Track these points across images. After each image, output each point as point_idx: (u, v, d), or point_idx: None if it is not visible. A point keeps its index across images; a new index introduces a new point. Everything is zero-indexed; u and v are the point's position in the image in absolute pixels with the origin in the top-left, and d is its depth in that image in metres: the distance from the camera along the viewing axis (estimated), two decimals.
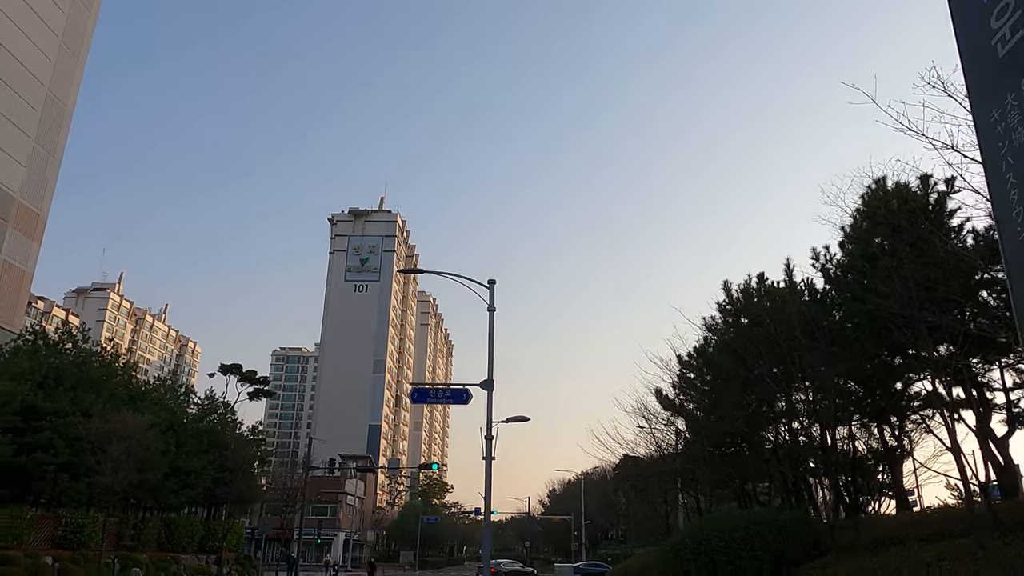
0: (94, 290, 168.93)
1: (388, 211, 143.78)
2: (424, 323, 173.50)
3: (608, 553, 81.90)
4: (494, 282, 22.46)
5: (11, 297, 35.02)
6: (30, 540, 25.67)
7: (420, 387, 21.68)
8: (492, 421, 21.17)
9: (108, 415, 25.24)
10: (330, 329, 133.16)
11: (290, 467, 78.47)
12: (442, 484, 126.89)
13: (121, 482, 24.87)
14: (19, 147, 35.89)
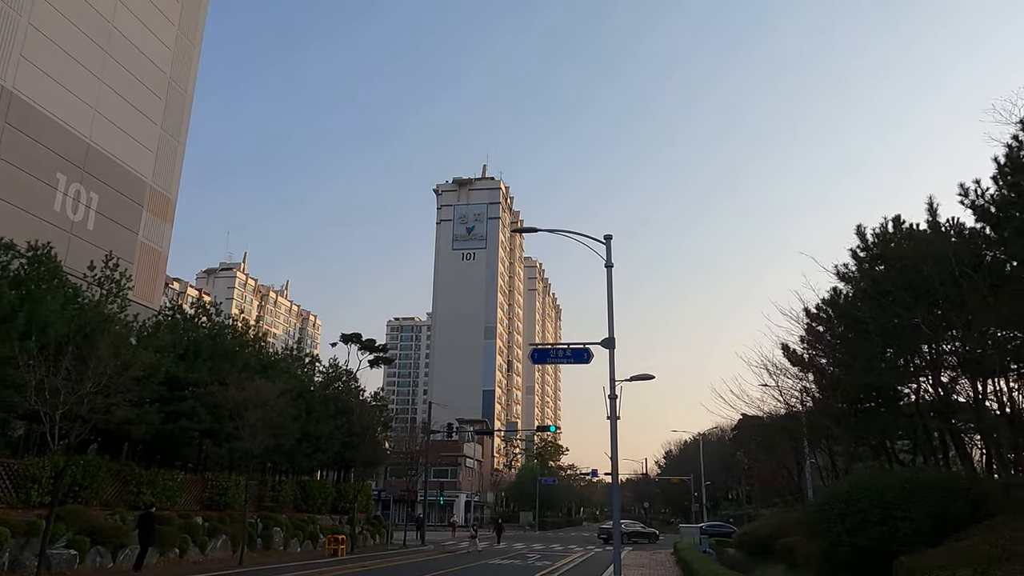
0: (222, 270, 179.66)
1: (491, 178, 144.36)
2: (531, 288, 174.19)
3: (729, 514, 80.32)
4: (611, 237, 21.70)
5: (150, 277, 37.29)
6: (182, 501, 27.44)
7: (540, 347, 21.37)
8: (615, 380, 20.60)
9: (244, 383, 26.44)
10: (441, 298, 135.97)
11: (409, 432, 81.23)
12: (557, 447, 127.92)
13: (259, 446, 26.07)
14: (148, 135, 37.88)
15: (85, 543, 20.94)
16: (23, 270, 21.67)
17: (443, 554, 37.19)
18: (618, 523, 20.03)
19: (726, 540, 41.31)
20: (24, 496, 20.68)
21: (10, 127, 29.63)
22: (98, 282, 24.54)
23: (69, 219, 32.33)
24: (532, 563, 31.64)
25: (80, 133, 33.26)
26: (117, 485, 24.28)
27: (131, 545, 22.93)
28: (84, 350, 19.00)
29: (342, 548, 31.91)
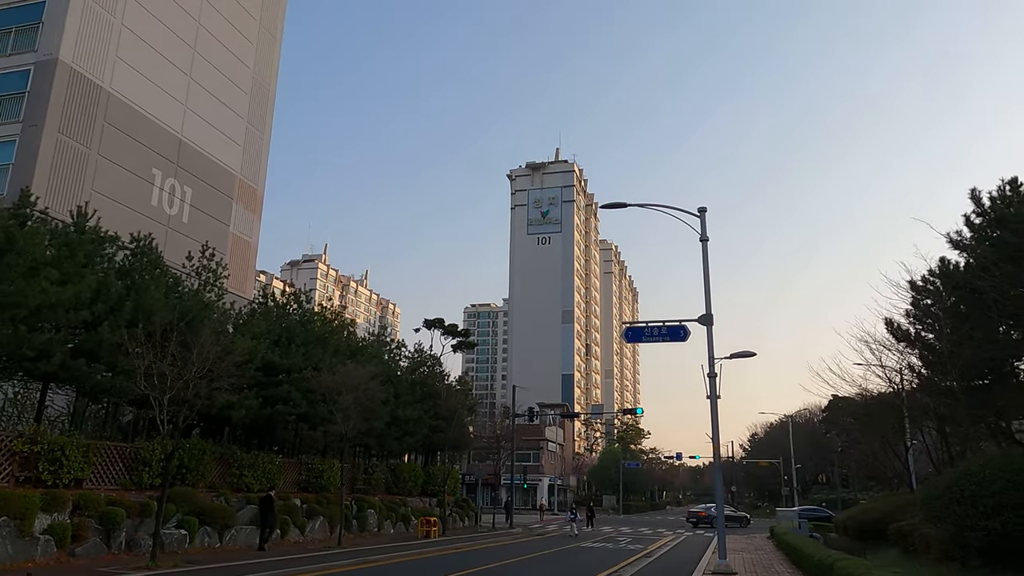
0: (305, 261, 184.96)
1: (564, 161, 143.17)
2: (607, 271, 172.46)
3: (821, 498, 77.67)
4: (705, 210, 20.94)
5: (241, 267, 38.38)
6: (280, 484, 28.14)
7: (634, 325, 20.73)
8: (714, 358, 19.87)
9: (336, 368, 26.85)
10: (517, 283, 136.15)
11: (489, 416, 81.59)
12: (638, 430, 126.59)
13: (352, 430, 26.45)
14: (235, 129, 38.89)
15: (194, 523, 21.66)
16: (127, 261, 22.47)
17: (533, 537, 37.14)
18: (721, 505, 19.38)
19: (825, 524, 39.77)
20: (136, 478, 21.53)
21: (109, 126, 30.83)
22: (196, 271, 25.28)
23: (165, 213, 33.51)
24: (625, 546, 31.18)
25: (172, 129, 34.37)
26: (220, 468, 25.05)
27: (236, 526, 23.64)
28: (187, 337, 19.54)
29: (434, 530, 32.20)
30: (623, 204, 21.52)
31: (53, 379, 20.02)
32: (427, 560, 22.34)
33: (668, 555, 26.21)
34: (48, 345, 17.46)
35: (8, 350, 17.09)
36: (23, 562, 16.43)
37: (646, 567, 20.83)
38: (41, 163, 27.59)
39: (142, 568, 16.72)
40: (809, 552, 16.91)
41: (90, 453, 19.72)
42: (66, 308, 18.12)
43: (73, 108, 29.23)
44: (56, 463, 18.66)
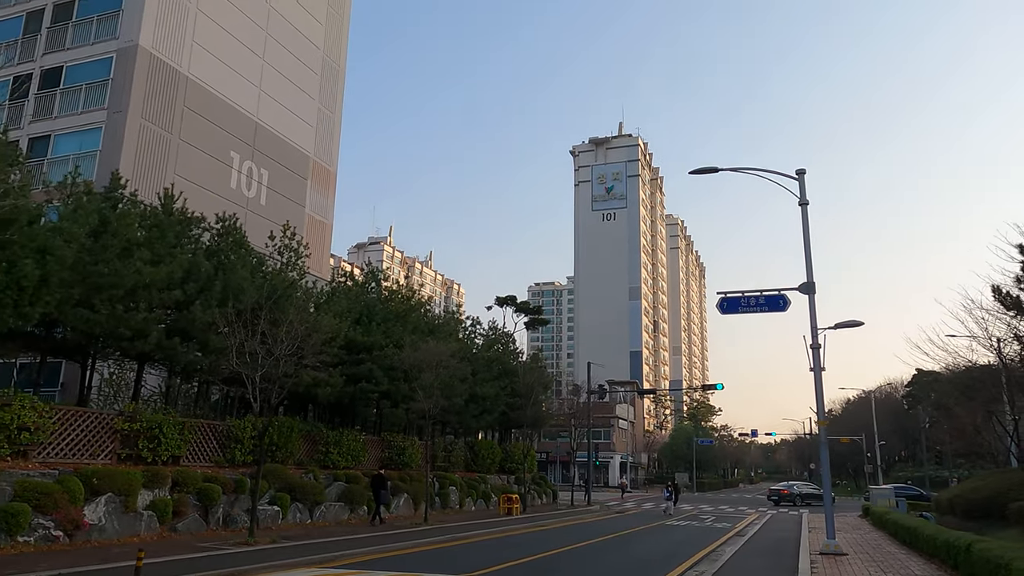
0: (371, 244, 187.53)
1: (628, 135, 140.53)
2: (673, 247, 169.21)
3: (906, 476, 74.69)
4: (804, 172, 19.79)
5: (317, 248, 38.65)
6: (365, 460, 28.32)
7: (729, 296, 19.74)
8: (817, 328, 18.81)
9: (417, 345, 26.72)
10: (583, 260, 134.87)
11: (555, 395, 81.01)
12: (709, 407, 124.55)
13: (435, 407, 26.30)
14: (307, 110, 39.06)
15: (286, 500, 21.88)
16: (213, 242, 22.67)
17: (613, 515, 36.64)
18: (827, 483, 18.42)
19: (919, 503, 38.04)
20: (229, 456, 21.82)
21: (188, 110, 31.24)
22: (278, 251, 25.38)
23: (244, 195, 33.91)
24: (711, 524, 30.37)
25: (248, 112, 34.68)
26: (307, 445, 25.27)
27: (326, 502, 23.83)
28: (275, 315, 19.57)
29: (516, 507, 32.01)
30: (714, 169, 20.51)
31: (148, 358, 20.36)
32: (519, 537, 22.07)
33: (761, 534, 25.32)
34: (144, 324, 17.68)
35: (106, 330, 17.36)
36: (129, 537, 16.76)
37: (745, 546, 20.05)
38: (126, 149, 28.13)
39: (242, 544, 16.86)
40: (930, 533, 15.84)
41: (185, 431, 20.02)
42: (159, 288, 18.32)
43: (154, 94, 29.69)
44: (154, 441, 18.99)
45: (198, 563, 13.85)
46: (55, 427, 16.68)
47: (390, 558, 16.11)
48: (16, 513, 14.18)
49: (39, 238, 15.43)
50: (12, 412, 15.46)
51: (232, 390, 24.93)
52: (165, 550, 15.05)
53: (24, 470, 15.49)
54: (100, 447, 17.92)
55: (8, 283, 14.38)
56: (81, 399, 19.85)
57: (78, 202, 17.58)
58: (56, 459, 16.77)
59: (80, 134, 29.07)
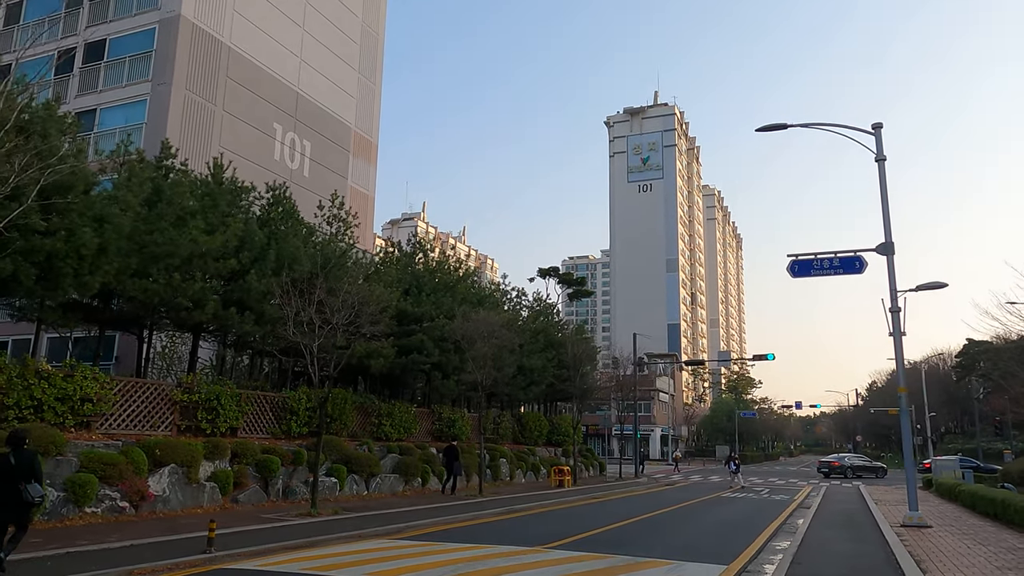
0: (404, 220, 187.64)
1: (664, 104, 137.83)
2: (710, 217, 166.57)
3: (956, 448, 72.89)
4: (880, 126, 18.73)
5: (361, 221, 38.21)
6: (416, 432, 28.07)
7: (801, 258, 18.83)
8: (897, 291, 17.86)
9: (469, 315, 26.25)
10: (619, 232, 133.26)
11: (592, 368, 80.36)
12: (749, 379, 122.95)
13: (488, 378, 25.88)
14: (347, 80, 38.50)
15: (343, 471, 21.66)
16: (264, 211, 22.33)
17: (663, 487, 36.07)
18: (910, 451, 17.58)
19: (978, 474, 36.74)
20: (285, 427, 21.65)
21: (231, 81, 30.87)
22: (327, 221, 25.00)
23: (287, 167, 33.58)
24: (768, 497, 29.63)
25: (289, 82, 34.22)
26: (360, 417, 25.03)
27: (381, 474, 23.60)
28: (331, 284, 19.19)
29: (567, 479, 31.59)
30: (784, 125, 19.51)
31: (203, 330, 20.18)
32: (580, 509, 21.63)
33: (825, 506, 24.50)
34: (201, 294, 17.41)
35: (164, 300, 17.11)
36: (192, 508, 16.62)
37: (816, 518, 19.31)
38: (172, 121, 27.86)
39: (305, 515, 16.63)
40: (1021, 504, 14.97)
41: (242, 403, 19.83)
42: (214, 257, 18.01)
43: (197, 65, 29.34)
44: (212, 412, 18.82)
45: (266, 534, 13.60)
46: (116, 398, 16.54)
47: (457, 530, 15.74)
48: (83, 484, 14.05)
49: (96, 206, 15.15)
50: (75, 383, 15.32)
51: (285, 361, 24.77)
52: (231, 521, 14.83)
53: (88, 441, 15.37)
54: (160, 419, 17.79)
55: (68, 251, 14.11)
56: (138, 371, 19.75)
57: (131, 170, 17.26)
58: (118, 430, 16.65)
59: (125, 107, 28.88)
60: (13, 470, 9.11)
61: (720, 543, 14.57)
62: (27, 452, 9.38)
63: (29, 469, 9.17)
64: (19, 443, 9.37)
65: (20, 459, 9.21)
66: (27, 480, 9.10)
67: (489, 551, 12.34)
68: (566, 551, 12.53)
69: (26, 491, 9.04)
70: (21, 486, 9.04)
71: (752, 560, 12.26)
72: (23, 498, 9.05)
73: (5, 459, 9.21)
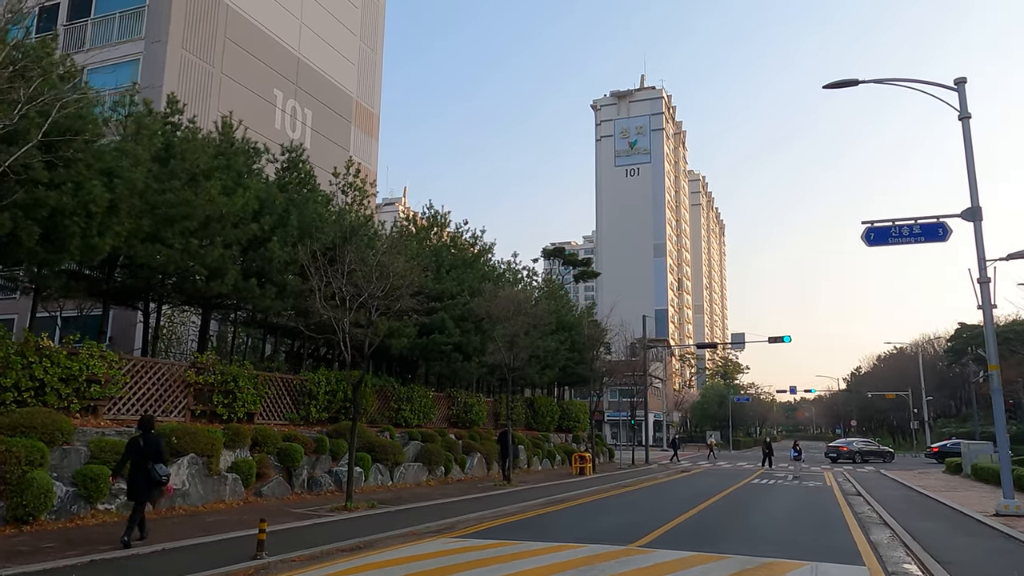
0: (386, 205, 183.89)
1: (652, 87, 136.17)
2: (696, 203, 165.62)
3: (951, 432, 72.65)
4: (964, 80, 17.19)
5: None
6: (435, 419, 26.32)
7: (878, 225, 17.28)
8: (986, 260, 16.40)
9: (494, 292, 24.50)
10: (605, 217, 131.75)
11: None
12: (736, 365, 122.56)
13: (517, 359, 24.19)
14: (349, 47, 36.31)
15: (367, 460, 19.86)
16: (280, 175, 20.36)
17: (679, 474, 34.65)
18: (1003, 435, 16.16)
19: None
20: (304, 412, 19.81)
21: (230, 42, 28.65)
22: (342, 189, 23.06)
23: (289, 136, 31.38)
24: (801, 484, 28.22)
25: (290, 47, 32.02)
26: (379, 402, 23.22)
27: (405, 463, 21.83)
28: (361, 254, 17.36)
29: (588, 467, 30.03)
30: (854, 81, 17.91)
31: (218, 304, 18.22)
32: (624, 498, 20.01)
33: (878, 493, 23.09)
34: (221, 262, 15.43)
35: (179, 268, 15.12)
36: (214, 503, 14.75)
37: (890, 508, 17.89)
38: (167, 82, 25.58)
39: (340, 509, 14.85)
40: None
41: (259, 385, 17.94)
42: (234, 223, 16.03)
43: (194, 22, 27.06)
44: (229, 396, 16.94)
45: (312, 533, 11.81)
46: (126, 380, 14.58)
47: (518, 525, 14.04)
48: (96, 477, 12.15)
49: (105, 158, 13.12)
50: (80, 362, 13.36)
51: (302, 342, 22.88)
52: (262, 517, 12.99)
53: (97, 428, 13.43)
54: (173, 402, 15.85)
55: (75, 207, 12.11)
56: (144, 350, 17.75)
57: (139, 122, 15.20)
58: (128, 416, 14.69)
59: (116, 67, 26.50)
60: (143, 451, 10.12)
61: (820, 536, 13.06)
62: (154, 435, 10.39)
63: (156, 451, 10.19)
64: (148, 427, 10.43)
65: (148, 441, 10.21)
66: (155, 461, 10.10)
67: (584, 552, 10.64)
68: (668, 551, 10.88)
69: (154, 470, 10.05)
70: (149, 466, 10.03)
71: (881, 560, 10.71)
72: (152, 477, 10.05)
73: (135, 442, 10.25)
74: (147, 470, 9.99)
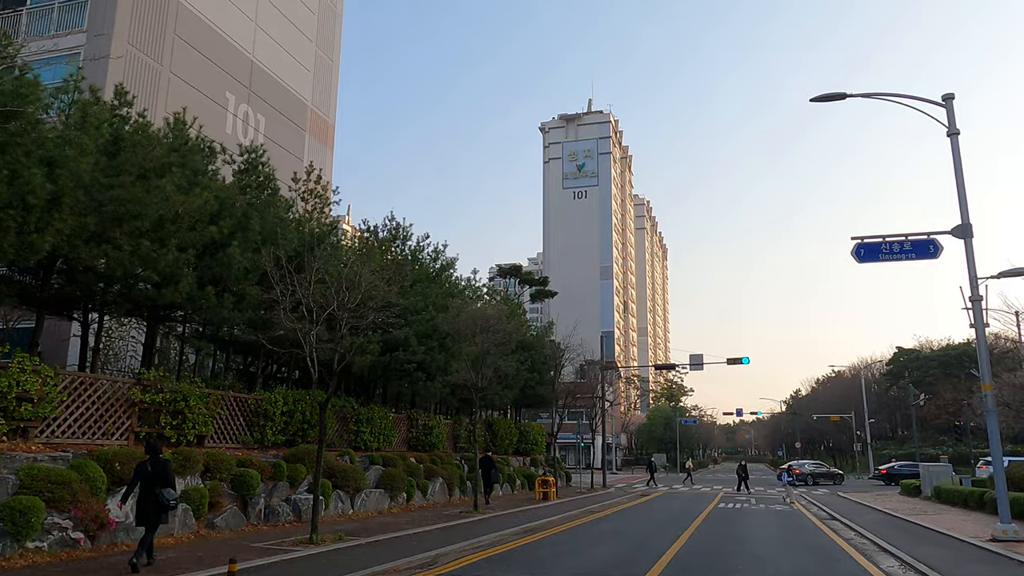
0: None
1: (600, 112, 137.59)
2: (640, 227, 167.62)
3: (890, 454, 74.16)
4: (952, 97, 16.97)
5: None
6: (395, 441, 24.88)
7: (868, 241, 16.89)
8: (977, 278, 16.08)
9: (460, 308, 23.32)
10: (553, 239, 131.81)
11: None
12: (681, 387, 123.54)
13: (485, 379, 23.00)
14: (305, 53, 34.91)
15: (328, 487, 18.34)
16: (238, 178, 18.87)
17: (641, 497, 33.84)
18: (999, 458, 15.71)
19: None
20: (258, 435, 18.20)
21: (180, 40, 26.99)
22: (302, 196, 21.67)
23: (240, 143, 29.67)
24: (766, 507, 27.65)
25: (244, 49, 30.46)
26: (338, 424, 21.68)
27: (366, 489, 20.34)
28: (325, 264, 16.05)
29: (552, 491, 28.89)
30: (841, 95, 17.59)
31: (164, 316, 16.57)
32: (604, 524, 18.96)
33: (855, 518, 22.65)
34: (175, 267, 13.88)
35: (128, 271, 13.52)
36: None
37: (877, 534, 17.30)
38: (111, 79, 23.71)
39: (304, 542, 13.39)
40: None
41: (211, 405, 16.34)
42: (190, 225, 14.52)
43: (142, 17, 25.36)
44: (178, 416, 15.32)
45: (285, 573, 10.39)
46: (63, 398, 12.89)
47: (500, 559, 12.84)
48: (26, 510, 10.48)
49: (46, 145, 11.57)
50: (9, 377, 11.68)
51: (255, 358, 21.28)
52: (222, 552, 11.47)
53: (28, 453, 11.72)
54: (115, 424, 14.16)
55: (11, 199, 10.54)
56: (83, 365, 15.97)
57: (85, 109, 13.64)
58: (63, 439, 12.99)
59: (55, 62, 24.57)
60: (152, 476, 10.07)
61: (830, 564, 12.29)
62: (162, 460, 10.35)
63: (164, 475, 10.16)
64: (155, 452, 10.40)
65: (156, 466, 10.19)
66: (162, 486, 10.06)
67: None
68: None
69: (162, 495, 10.00)
70: (157, 491, 9.98)
71: None
72: (160, 502, 10.01)
73: (144, 467, 10.22)
74: (156, 495, 9.96)
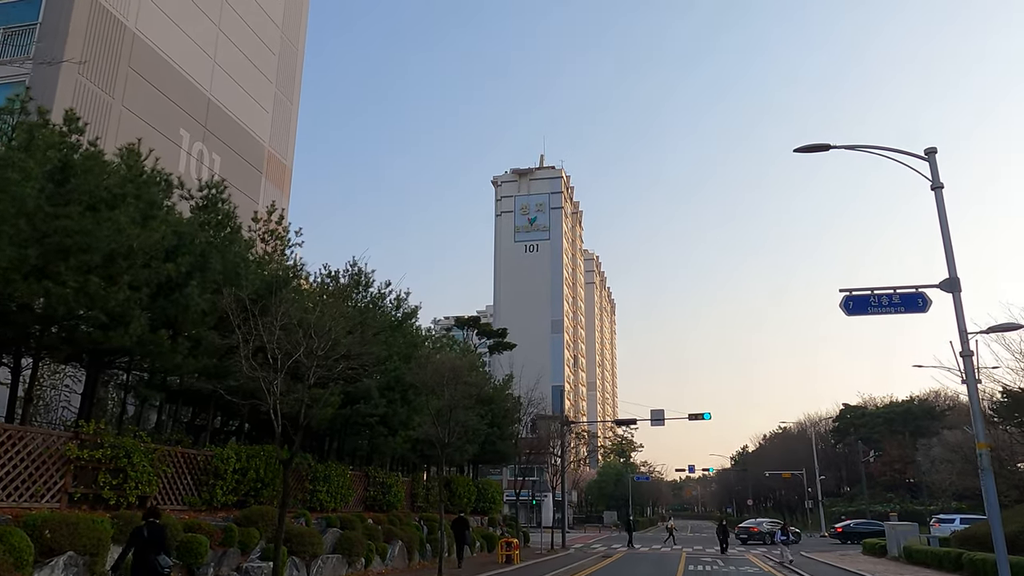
0: None
1: (552, 167, 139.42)
2: (590, 281, 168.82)
3: (841, 511, 74.29)
4: (935, 151, 16.97)
5: None
6: (351, 500, 23.25)
7: (856, 294, 16.52)
8: (967, 332, 15.76)
9: (426, 359, 22.17)
10: (503, 292, 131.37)
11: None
12: (630, 443, 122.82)
13: (452, 434, 21.75)
14: (263, 93, 33.92)
15: (284, 554, 16.67)
16: (196, 215, 17.58)
17: (606, 560, 32.54)
18: (996, 514, 15.14)
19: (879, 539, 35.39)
20: (207, 495, 16.55)
21: (134, 73, 25.74)
22: (261, 237, 20.45)
23: (194, 182, 28.30)
24: (742, 570, 26.73)
25: (201, 86, 29.32)
26: (293, 482, 20.02)
27: (323, 554, 18.68)
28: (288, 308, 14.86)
29: (516, 553, 27.43)
30: (826, 146, 17.43)
31: (108, 363, 15.01)
32: None
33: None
34: (125, 307, 12.48)
35: (71, 311, 12.07)
36: None
37: None
38: (58, 108, 22.29)
39: None
40: None
41: (156, 462, 14.73)
42: (143, 261, 13.18)
43: (93, 46, 24.09)
44: (119, 475, 13.69)
45: None
46: None
47: None
48: None
49: None
50: None
51: (204, 411, 19.64)
52: None
53: None
54: (45, 484, 12.49)
55: None
56: (11, 416, 14.24)
57: (31, 132, 12.36)
58: None
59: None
60: (147, 542, 9.81)
61: None
62: (158, 526, 10.10)
63: (160, 541, 9.95)
64: (155, 517, 10.19)
65: (152, 531, 9.92)
66: (156, 552, 9.80)
67: None
68: None
69: (156, 562, 9.73)
70: (151, 558, 9.69)
71: None
72: (156, 569, 9.71)
73: (139, 532, 9.96)
74: (150, 562, 9.71)
